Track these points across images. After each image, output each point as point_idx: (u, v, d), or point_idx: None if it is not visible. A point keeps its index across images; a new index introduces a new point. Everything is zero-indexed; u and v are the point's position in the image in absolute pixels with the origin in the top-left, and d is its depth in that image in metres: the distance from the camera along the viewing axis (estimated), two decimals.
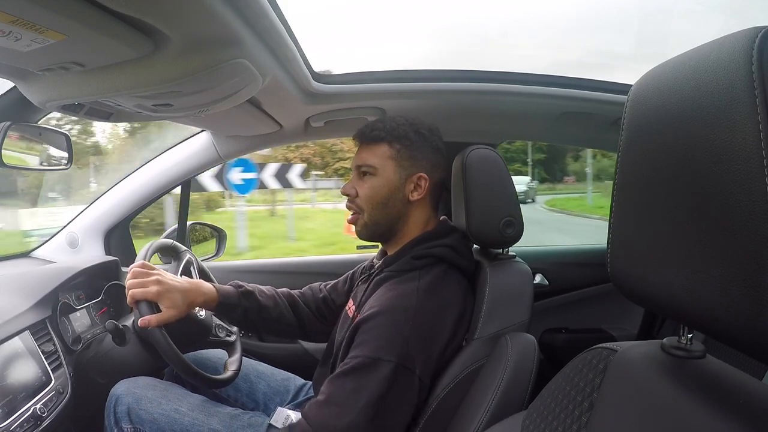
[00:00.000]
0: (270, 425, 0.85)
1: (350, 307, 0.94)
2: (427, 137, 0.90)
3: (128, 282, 0.86)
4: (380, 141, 0.88)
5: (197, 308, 0.97)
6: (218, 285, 0.97)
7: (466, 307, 0.84)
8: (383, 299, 0.79)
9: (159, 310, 0.85)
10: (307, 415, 0.75)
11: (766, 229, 0.28)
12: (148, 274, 0.87)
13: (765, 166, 0.28)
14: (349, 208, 0.92)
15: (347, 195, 0.92)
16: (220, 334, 1.05)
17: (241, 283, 1.00)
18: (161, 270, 0.90)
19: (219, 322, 1.05)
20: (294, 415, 0.91)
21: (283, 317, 1.02)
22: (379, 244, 0.98)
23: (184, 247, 1.10)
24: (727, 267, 0.30)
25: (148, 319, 0.83)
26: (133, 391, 0.88)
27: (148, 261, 0.94)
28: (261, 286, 1.03)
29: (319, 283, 1.13)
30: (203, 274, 1.11)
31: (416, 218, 0.90)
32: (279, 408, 0.94)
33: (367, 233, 0.91)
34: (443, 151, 0.92)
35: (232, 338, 1.06)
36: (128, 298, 0.85)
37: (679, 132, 0.34)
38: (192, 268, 1.06)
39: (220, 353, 1.09)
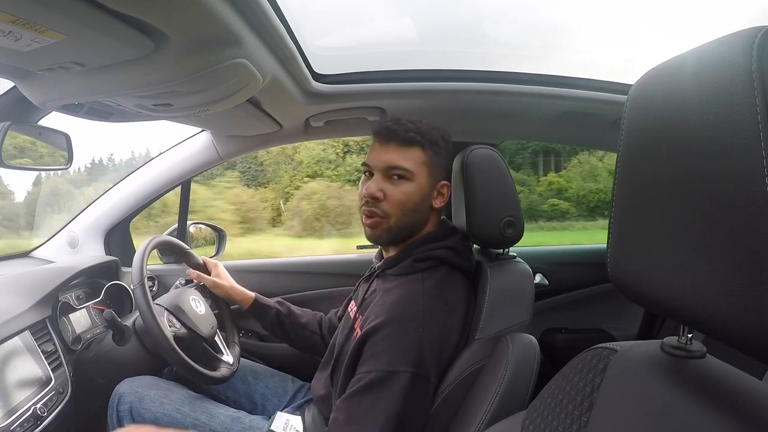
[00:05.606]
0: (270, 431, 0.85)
1: (352, 308, 0.93)
2: (449, 144, 0.88)
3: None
4: (414, 144, 0.82)
5: (195, 306, 1.00)
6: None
7: (470, 308, 0.83)
8: (388, 306, 0.77)
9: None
10: None
11: (766, 229, 0.28)
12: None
13: (765, 165, 0.28)
14: (369, 212, 0.83)
15: (374, 198, 0.82)
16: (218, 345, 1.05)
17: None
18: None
19: (221, 343, 1.06)
20: (294, 419, 0.90)
21: (310, 324, 1.12)
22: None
23: (182, 244, 1.10)
24: (726, 267, 0.30)
25: (198, 272, 1.09)
26: (136, 390, 0.89)
27: (147, 258, 0.95)
28: None
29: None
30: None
31: (431, 224, 0.88)
32: (278, 413, 0.93)
33: (388, 238, 0.84)
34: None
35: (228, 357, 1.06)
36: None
37: (679, 131, 0.34)
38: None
39: None
